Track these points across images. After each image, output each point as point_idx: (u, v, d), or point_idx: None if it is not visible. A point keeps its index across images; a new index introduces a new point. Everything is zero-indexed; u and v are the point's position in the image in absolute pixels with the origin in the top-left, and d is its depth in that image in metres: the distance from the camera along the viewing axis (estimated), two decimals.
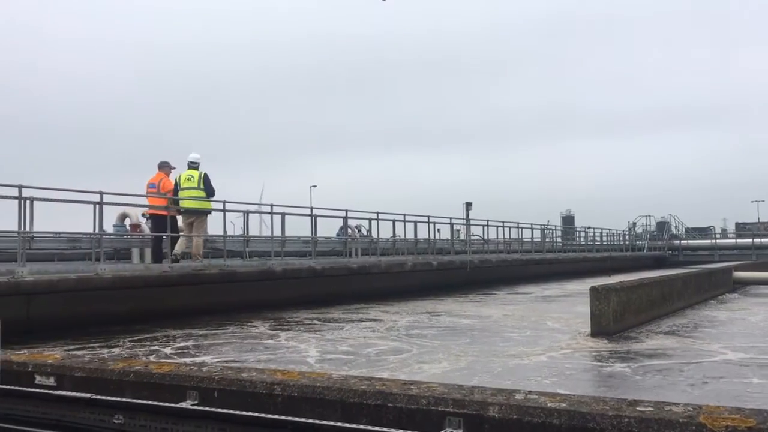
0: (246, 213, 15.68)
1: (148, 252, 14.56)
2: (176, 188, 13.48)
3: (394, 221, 20.10)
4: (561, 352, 7.78)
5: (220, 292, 12.79)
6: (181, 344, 8.83)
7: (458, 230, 28.95)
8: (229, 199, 14.27)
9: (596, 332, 9.22)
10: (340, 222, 20.44)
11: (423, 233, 21.72)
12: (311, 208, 16.86)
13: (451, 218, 23.59)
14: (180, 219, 13.89)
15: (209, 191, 13.53)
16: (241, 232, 19.05)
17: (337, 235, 22.35)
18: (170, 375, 3.98)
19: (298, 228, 20.33)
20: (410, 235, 20.78)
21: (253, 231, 18.41)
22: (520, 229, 28.53)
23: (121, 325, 10.56)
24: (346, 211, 17.71)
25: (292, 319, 11.91)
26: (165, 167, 13.62)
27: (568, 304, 14.37)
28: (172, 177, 13.66)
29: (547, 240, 32.13)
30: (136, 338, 9.47)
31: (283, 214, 15.95)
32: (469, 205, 26.58)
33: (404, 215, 20.20)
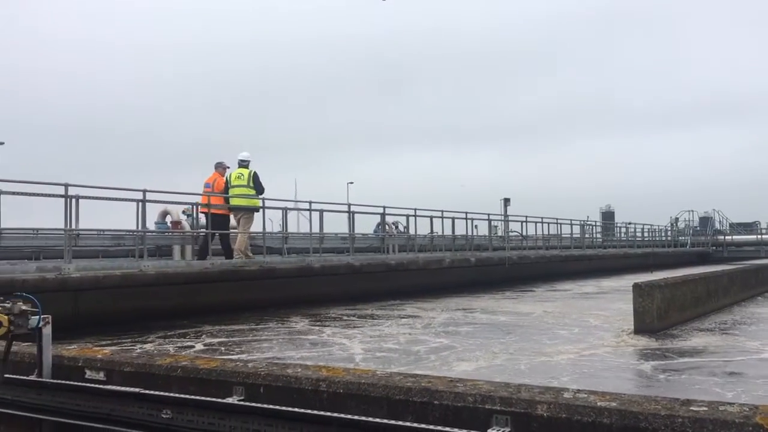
0: (285, 210, 15.80)
1: (188, 249, 14.79)
2: (227, 186, 13.99)
3: (431, 217, 20.10)
4: (604, 350, 7.67)
5: (260, 288, 12.92)
6: (223, 339, 8.94)
7: (496, 226, 28.78)
8: (267, 197, 14.46)
9: (640, 330, 9.08)
10: (377, 218, 20.53)
11: (461, 230, 21.68)
12: (349, 205, 16.93)
13: (488, 214, 23.51)
14: (232, 217, 14.44)
15: (258, 189, 14.01)
16: (280, 229, 19.22)
17: (375, 231, 22.42)
18: (216, 371, 4.03)
19: (335, 224, 20.45)
20: (448, 232, 20.77)
21: (291, 228, 18.60)
22: (559, 225, 28.28)
23: (164, 320, 10.74)
24: (384, 207, 17.74)
25: (331, 315, 11.98)
26: (219, 167, 14.30)
27: (610, 301, 14.17)
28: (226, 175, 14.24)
29: (586, 236, 31.75)
30: (179, 333, 9.63)
31: (321, 211, 16.07)
32: (507, 201, 26.41)
33: (442, 211, 20.18)
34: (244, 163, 14.18)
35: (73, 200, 10.44)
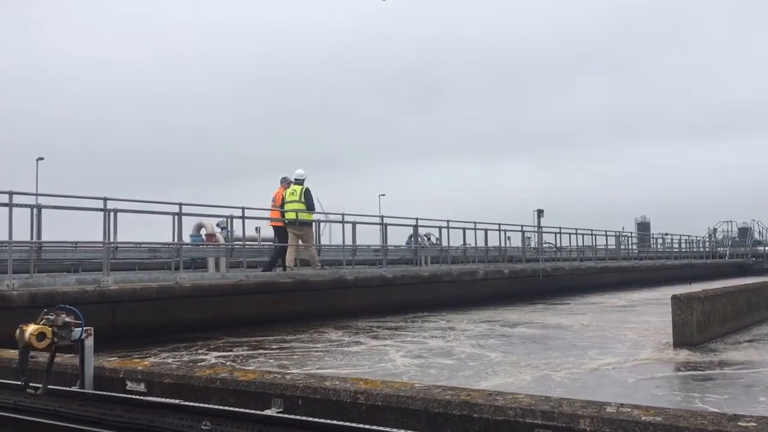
0: (318, 222, 15.87)
1: (223, 261, 14.92)
2: (283, 201, 14.75)
3: (464, 229, 20.01)
4: (643, 364, 7.54)
5: (293, 300, 12.99)
6: (261, 351, 9.00)
7: (529, 238, 28.53)
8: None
9: (679, 343, 8.91)
10: (410, 230, 20.48)
11: (494, 241, 21.54)
12: (381, 217, 16.96)
13: (522, 226, 23.31)
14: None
15: (309, 204, 14.62)
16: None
17: (407, 243, 22.36)
18: (255, 382, 4.05)
19: (367, 237, 20.47)
20: (481, 243, 20.63)
21: (324, 240, 18.68)
22: (593, 236, 27.93)
23: (200, 332, 10.85)
24: (417, 219, 17.73)
25: (366, 327, 11.99)
26: (284, 182, 15.13)
27: (648, 314, 13.94)
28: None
29: (622, 247, 31.31)
30: (217, 344, 9.72)
31: (354, 223, 16.10)
32: (540, 212, 26.09)
33: (474, 223, 20.09)
34: (298, 180, 14.95)
35: (112, 213, 10.63)
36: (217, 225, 17.92)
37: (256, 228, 19.20)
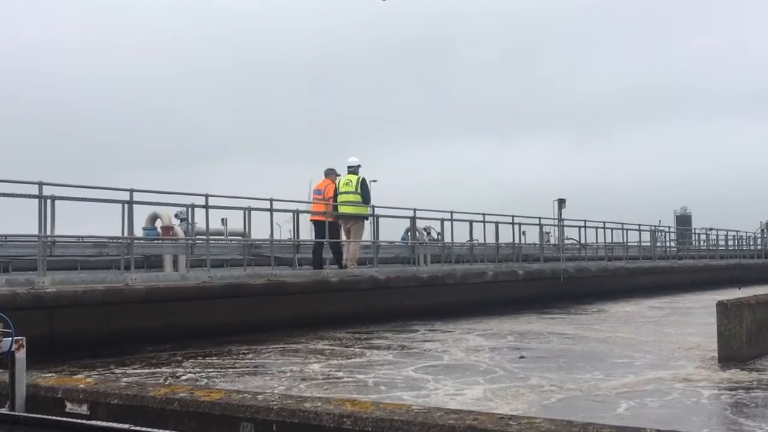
0: (296, 213, 15.84)
1: (182, 259, 14.90)
2: (336, 194, 15.74)
3: (471, 222, 20.03)
4: (683, 383, 7.58)
5: (267, 306, 12.96)
6: (227, 367, 8.99)
7: (548, 233, 28.60)
8: (276, 198, 14.55)
9: (725, 357, 8.94)
10: (406, 223, 20.51)
11: (506, 236, 21.57)
12: (372, 207, 16.93)
13: (539, 218, 23.38)
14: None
15: (365, 196, 15.71)
16: (290, 236, 19.32)
17: (403, 238, 22.39)
18: (220, 404, 4.04)
19: None
20: (490, 239, 20.66)
21: (304, 234, 18.63)
22: (624, 232, 28.03)
23: (155, 343, 10.83)
24: (414, 210, 17.73)
25: (351, 339, 11.99)
26: (331, 174, 16.14)
27: (688, 324, 14.01)
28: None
29: (658, 244, 31.45)
30: (176, 358, 9.71)
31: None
32: (562, 202, 26.14)
33: (483, 214, 20.11)
34: (352, 169, 15.89)
35: (49, 201, 10.57)
36: (176, 216, 17.94)
37: (223, 219, 19.22)
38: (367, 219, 16.16)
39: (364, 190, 15.73)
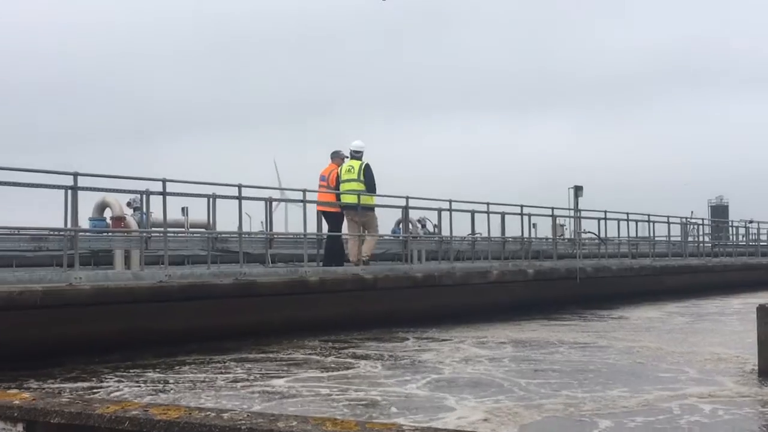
0: (269, 201, 15.82)
1: (135, 255, 14.87)
2: (338, 181, 16.23)
3: (472, 212, 20.02)
4: (718, 401, 7.62)
5: (235, 309, 12.95)
6: (187, 381, 8.98)
7: (563, 225, 28.64)
8: (245, 184, 14.51)
9: (766, 370, 8.99)
10: (398, 214, 20.50)
11: (513, 229, 21.61)
12: (358, 194, 16.92)
13: (552, 208, 23.40)
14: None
15: (369, 184, 16.07)
16: (261, 228, 19.28)
17: (393, 231, 22.38)
18: (179, 423, 4.02)
19: None
20: (495, 232, 20.68)
21: (277, 226, 18.57)
22: (650, 224, 28.11)
23: (104, 352, 10.81)
24: (407, 198, 17.70)
25: (335, 347, 12.01)
26: (337, 157, 16.72)
27: (723, 332, 14.11)
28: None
29: (690, 239, 31.55)
30: (127, 370, 9.69)
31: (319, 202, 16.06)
32: (578, 190, 26.21)
33: (487, 204, 20.11)
34: (357, 154, 16.33)
35: None
36: (128, 204, 17.82)
37: (183, 208, 19.16)
38: (372, 210, 16.57)
39: (368, 176, 16.08)
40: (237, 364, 10.32)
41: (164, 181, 13.20)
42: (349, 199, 15.97)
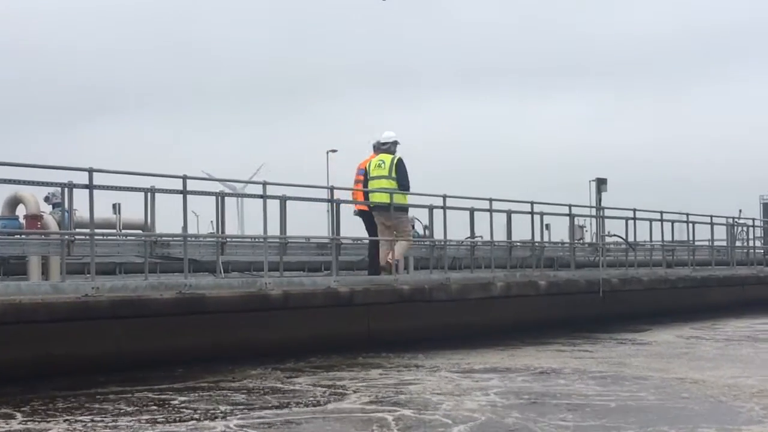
0: (220, 197, 15.78)
1: (55, 262, 14.82)
2: (366, 177, 17.04)
3: (472, 210, 20.02)
4: None
5: (179, 329, 12.92)
6: (114, 417, 8.96)
7: (582, 226, 28.74)
8: (192, 176, 14.47)
9: None
10: None
11: (522, 232, 21.62)
12: (331, 188, 16.90)
13: (570, 206, 23.42)
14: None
15: (402, 182, 16.81)
16: (212, 230, 19.24)
17: None
18: None
19: (307, 222, 20.38)
20: (500, 235, 20.67)
21: (231, 228, 18.50)
22: (689, 226, 28.16)
23: (16, 382, 10.76)
24: (391, 193, 17.69)
25: (301, 374, 12.00)
26: (378, 148, 17.32)
27: None
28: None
29: (738, 244, 31.58)
30: (44, 404, 9.64)
31: (283, 198, 16.01)
32: (601, 183, 26.26)
33: (490, 200, 20.08)
34: (386, 147, 17.13)
35: None
36: (46, 200, 17.78)
37: (115, 205, 19.11)
38: (405, 210, 17.55)
39: (400, 173, 16.81)
40: (164, 400, 10.26)
41: (91, 171, 13.13)
42: (379, 198, 16.86)
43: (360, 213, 17.30)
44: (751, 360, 14.00)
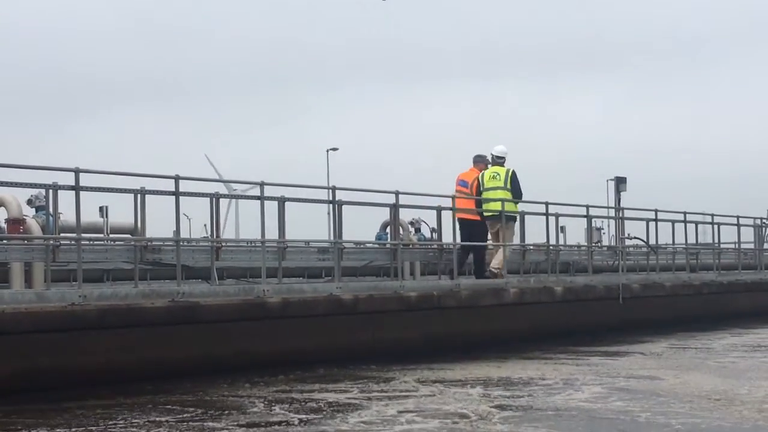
0: (214, 198, 15.78)
1: (39, 269, 14.79)
2: (479, 188, 19.02)
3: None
4: None
5: (171, 340, 12.92)
6: None
7: (600, 228, 28.70)
8: (184, 176, 14.46)
9: None
10: (385, 214, 20.47)
11: (535, 234, 21.60)
12: (332, 188, 16.89)
13: (587, 206, 23.39)
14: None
15: (516, 193, 18.86)
16: (206, 233, 19.24)
17: (379, 237, 22.32)
18: None
19: (307, 225, 20.36)
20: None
21: (227, 232, 18.52)
22: (715, 227, 28.10)
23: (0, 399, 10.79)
24: (397, 192, 17.68)
25: (302, 389, 12.00)
26: (480, 161, 19.49)
27: None
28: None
29: (766, 246, 31.50)
30: (27, 420, 9.64)
31: (282, 200, 16.00)
32: (621, 182, 26.22)
33: (502, 201, 20.06)
34: (500, 160, 19.16)
35: None
36: (29, 203, 17.74)
37: (102, 208, 19.08)
38: (515, 220, 19.48)
39: (514, 184, 18.79)
40: (155, 417, 10.29)
41: (77, 171, 13.14)
42: (494, 207, 18.64)
43: (461, 221, 18.62)
44: None
